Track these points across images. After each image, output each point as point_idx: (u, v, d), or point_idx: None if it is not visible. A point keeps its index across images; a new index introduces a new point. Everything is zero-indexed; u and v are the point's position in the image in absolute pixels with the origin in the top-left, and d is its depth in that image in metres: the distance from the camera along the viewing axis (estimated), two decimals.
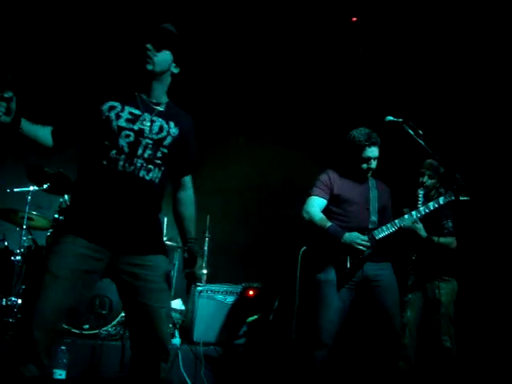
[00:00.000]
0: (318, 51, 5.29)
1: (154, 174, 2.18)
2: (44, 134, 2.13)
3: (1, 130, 1.96)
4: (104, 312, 4.03)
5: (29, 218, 4.50)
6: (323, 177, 3.43)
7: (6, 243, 4.61)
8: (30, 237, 4.62)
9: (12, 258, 4.32)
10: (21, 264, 4.24)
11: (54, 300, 1.97)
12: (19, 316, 3.91)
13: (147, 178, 2.16)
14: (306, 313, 3.59)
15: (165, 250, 2.30)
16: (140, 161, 2.14)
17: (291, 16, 4.94)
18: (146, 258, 2.17)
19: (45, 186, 4.54)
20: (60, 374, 3.32)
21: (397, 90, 5.06)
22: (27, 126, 2.04)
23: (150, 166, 2.17)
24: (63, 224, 2.19)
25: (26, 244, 4.51)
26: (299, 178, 4.35)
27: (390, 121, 3.13)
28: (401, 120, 3.05)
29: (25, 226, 4.45)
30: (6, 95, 1.89)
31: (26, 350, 1.94)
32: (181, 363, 3.75)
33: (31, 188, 4.56)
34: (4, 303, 4.14)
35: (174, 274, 5.28)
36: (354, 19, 4.79)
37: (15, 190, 4.64)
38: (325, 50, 5.27)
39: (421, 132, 2.94)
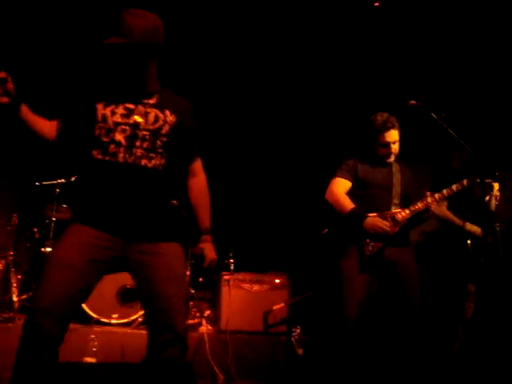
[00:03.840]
0: (340, 30, 5.13)
1: (157, 162, 2.19)
2: (43, 124, 2.19)
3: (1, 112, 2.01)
4: (132, 301, 4.11)
5: (58, 210, 4.61)
6: (348, 161, 3.49)
7: (38, 236, 4.74)
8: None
9: (42, 249, 4.45)
10: None
11: (61, 289, 1.98)
12: None
13: (149, 165, 2.17)
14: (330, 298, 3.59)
15: (178, 237, 2.26)
16: (140, 151, 2.16)
17: None
18: (155, 245, 2.15)
19: (72, 179, 4.64)
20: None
21: (418, 74, 4.90)
22: (27, 112, 2.10)
23: (151, 155, 2.18)
24: (72, 216, 2.22)
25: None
26: (323, 163, 4.29)
27: (413, 105, 3.09)
28: (423, 104, 3.01)
29: (54, 218, 4.56)
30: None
31: (36, 340, 1.96)
32: (208, 351, 3.80)
33: (59, 181, 4.68)
34: None
35: None
36: (377, 4, 4.59)
37: (44, 183, 4.76)
38: (347, 28, 5.10)
39: (443, 115, 2.88)
